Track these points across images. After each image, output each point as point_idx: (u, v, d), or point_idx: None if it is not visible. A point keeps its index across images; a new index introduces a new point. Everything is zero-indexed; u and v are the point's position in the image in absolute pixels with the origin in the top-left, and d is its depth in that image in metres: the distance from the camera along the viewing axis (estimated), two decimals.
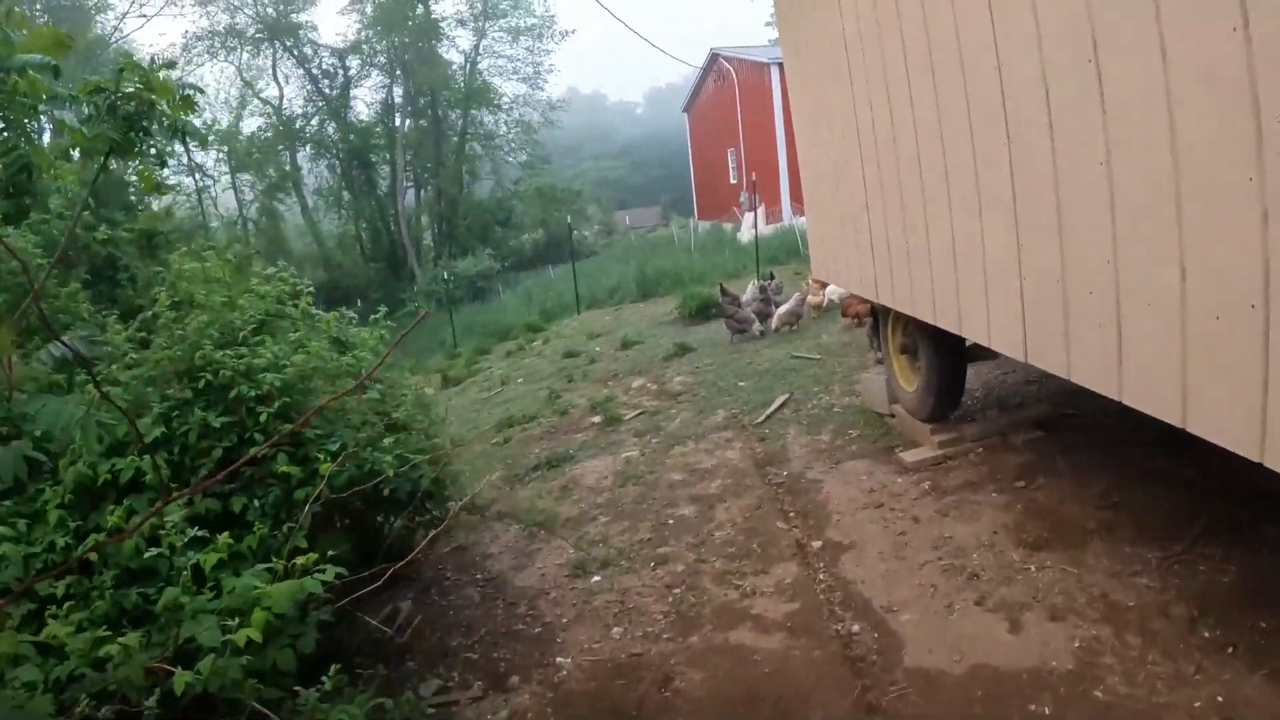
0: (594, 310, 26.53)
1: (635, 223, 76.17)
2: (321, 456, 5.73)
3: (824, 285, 16.67)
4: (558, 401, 14.02)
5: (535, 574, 7.38)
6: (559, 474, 9.97)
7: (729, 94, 41.30)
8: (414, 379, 9.88)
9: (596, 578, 7.07)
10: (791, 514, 7.54)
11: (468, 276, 44.29)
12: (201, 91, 4.17)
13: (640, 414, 11.84)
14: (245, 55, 52.23)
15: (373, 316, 8.42)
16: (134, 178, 12.26)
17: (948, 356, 7.70)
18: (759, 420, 10.38)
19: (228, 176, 53.79)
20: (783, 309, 16.02)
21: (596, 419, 11.95)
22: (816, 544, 6.86)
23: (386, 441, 6.55)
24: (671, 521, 7.87)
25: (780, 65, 35.82)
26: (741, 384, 12.27)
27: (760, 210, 35.48)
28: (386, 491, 6.33)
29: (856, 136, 7.85)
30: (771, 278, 19.23)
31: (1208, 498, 5.92)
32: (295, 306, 7.45)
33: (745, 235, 32.60)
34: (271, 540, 5.17)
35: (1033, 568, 5.71)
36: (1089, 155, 4.36)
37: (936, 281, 6.63)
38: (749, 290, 17.70)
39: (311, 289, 7.91)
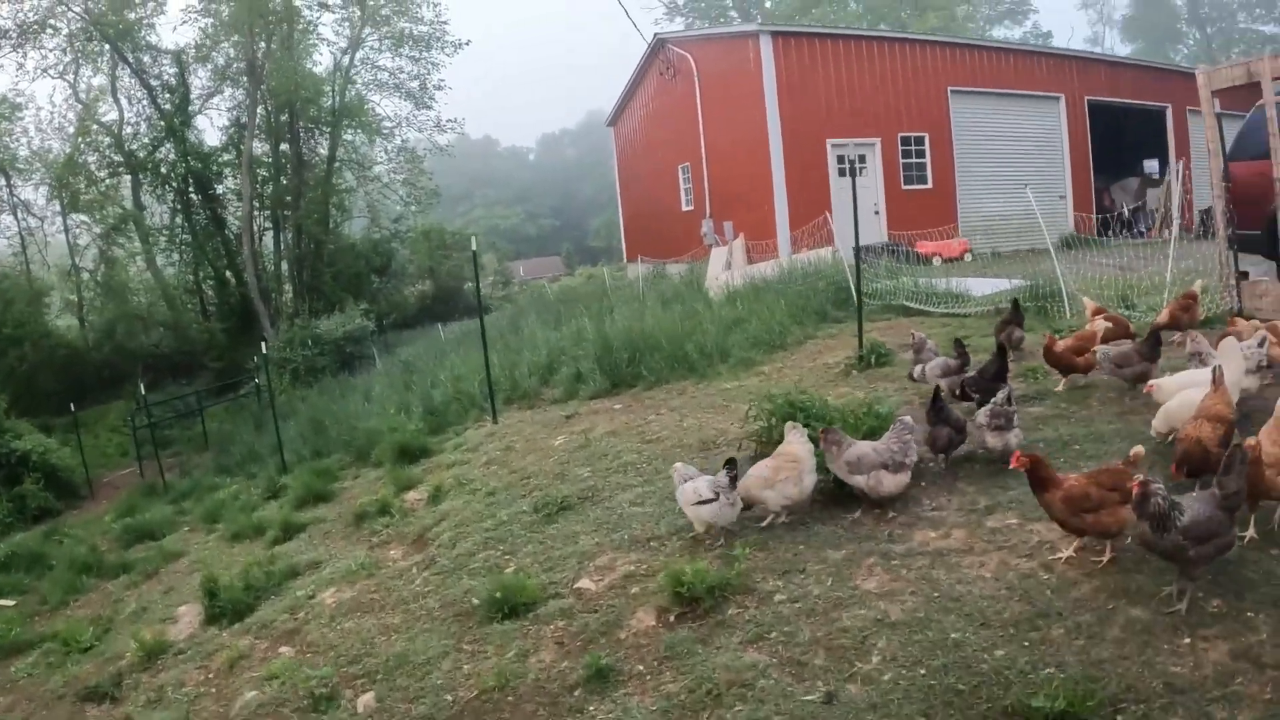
0: (518, 410, 14.73)
1: (532, 273, 66.38)
2: None
3: None
4: None
5: None
6: None
7: (683, 91, 29.76)
8: None
9: None
10: None
11: (333, 339, 32.24)
12: None
13: None
14: (82, 71, 40.10)
15: None
16: None
17: None
18: None
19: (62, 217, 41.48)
20: None
21: None
22: None
23: None
24: None
25: (776, 35, 24.43)
26: None
27: (738, 242, 23.87)
28: None
29: None
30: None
31: None
32: None
33: (719, 279, 21.06)
34: None
35: None
36: None
37: None
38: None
39: None
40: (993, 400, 7.07)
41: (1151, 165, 30.89)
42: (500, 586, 6.61)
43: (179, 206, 41.01)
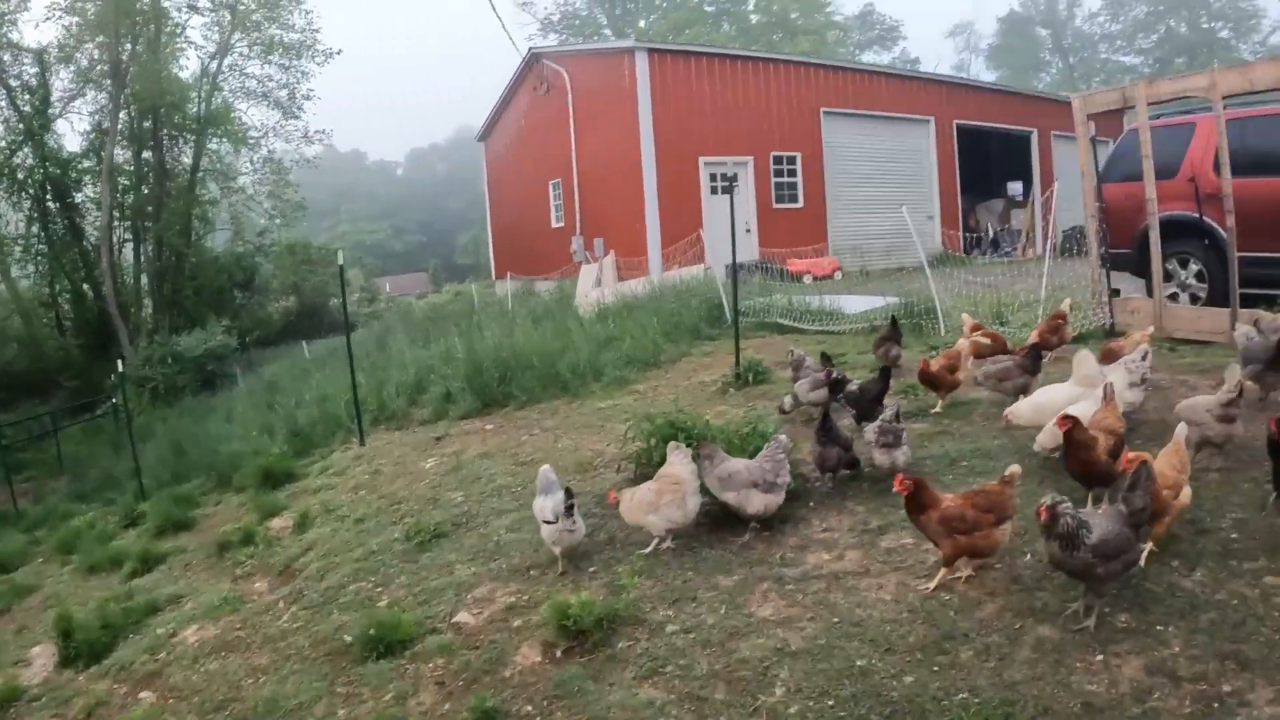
0: (386, 431, 14.20)
1: (398, 290, 64.90)
2: None
3: None
4: None
5: None
6: None
7: (556, 107, 29.24)
8: None
9: None
10: None
11: (194, 357, 30.76)
12: None
13: None
14: None
15: None
16: None
17: None
18: None
19: None
20: None
21: None
22: None
23: None
24: None
25: (652, 52, 24.35)
26: None
27: (609, 259, 23.69)
28: None
29: None
30: None
31: None
32: None
33: (590, 297, 21.05)
34: None
35: None
36: None
37: None
38: None
39: None
40: (880, 418, 6.94)
41: (1015, 187, 31.79)
42: (374, 622, 6.14)
43: (35, 215, 38.47)
